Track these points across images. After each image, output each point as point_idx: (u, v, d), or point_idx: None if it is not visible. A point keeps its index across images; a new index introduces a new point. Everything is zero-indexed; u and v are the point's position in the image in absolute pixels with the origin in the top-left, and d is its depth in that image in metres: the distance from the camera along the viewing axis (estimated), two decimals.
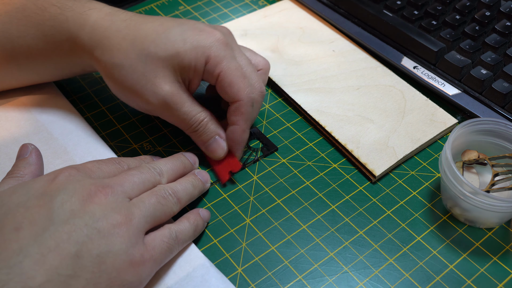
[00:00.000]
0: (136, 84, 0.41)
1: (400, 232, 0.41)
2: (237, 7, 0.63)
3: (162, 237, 0.35)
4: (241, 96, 0.41)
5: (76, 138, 0.46)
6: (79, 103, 0.51)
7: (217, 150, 0.44)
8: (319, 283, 0.38)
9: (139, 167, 0.38)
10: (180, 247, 0.37)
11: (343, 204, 0.43)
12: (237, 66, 0.41)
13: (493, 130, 0.42)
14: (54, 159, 0.44)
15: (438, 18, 0.55)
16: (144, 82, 0.40)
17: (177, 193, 0.38)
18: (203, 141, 0.43)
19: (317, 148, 0.47)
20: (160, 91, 0.40)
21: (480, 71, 0.50)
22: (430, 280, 0.38)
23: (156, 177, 0.38)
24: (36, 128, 0.46)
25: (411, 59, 0.54)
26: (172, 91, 0.41)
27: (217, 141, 0.43)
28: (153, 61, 0.40)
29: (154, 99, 0.41)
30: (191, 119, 0.42)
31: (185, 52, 0.40)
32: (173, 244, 0.36)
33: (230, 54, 0.41)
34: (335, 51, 0.55)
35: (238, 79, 0.41)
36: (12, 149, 0.44)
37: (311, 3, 0.61)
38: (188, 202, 0.39)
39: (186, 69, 0.40)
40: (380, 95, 0.50)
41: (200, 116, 0.42)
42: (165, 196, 0.36)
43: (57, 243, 0.30)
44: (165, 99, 0.41)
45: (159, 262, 0.35)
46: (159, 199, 0.36)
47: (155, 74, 0.40)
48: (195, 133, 0.43)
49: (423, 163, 0.46)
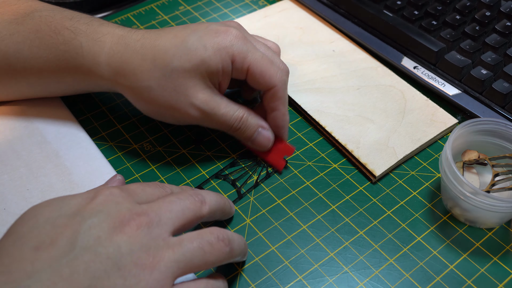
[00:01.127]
0: (169, 100, 0.40)
1: (400, 232, 0.41)
2: (237, 7, 0.63)
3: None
4: (275, 82, 0.42)
5: (69, 142, 0.45)
6: (79, 103, 0.51)
7: (263, 142, 0.44)
8: (319, 283, 0.38)
9: (179, 193, 0.35)
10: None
11: (343, 204, 0.43)
12: (262, 56, 0.42)
13: (493, 130, 0.42)
14: (46, 163, 0.44)
15: (438, 18, 0.55)
16: (176, 97, 0.40)
17: (232, 243, 0.33)
18: (248, 137, 0.43)
19: (317, 148, 0.47)
20: (195, 101, 0.40)
21: (480, 71, 0.50)
22: (430, 280, 0.38)
23: (197, 205, 0.34)
24: (30, 131, 0.46)
25: (411, 59, 0.54)
26: (206, 98, 0.41)
27: (261, 134, 0.44)
28: (180, 75, 0.40)
29: (191, 110, 0.41)
30: (231, 119, 0.42)
31: (210, 57, 0.40)
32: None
33: (251, 46, 0.42)
34: (335, 51, 0.55)
35: (267, 66, 0.41)
36: (4, 152, 0.44)
37: (311, 3, 0.61)
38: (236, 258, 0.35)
39: (214, 73, 0.40)
40: (380, 95, 0.50)
41: (239, 113, 0.42)
42: (213, 242, 0.32)
43: (71, 272, 0.28)
44: (201, 108, 0.41)
45: None
46: (202, 244, 0.31)
47: (186, 86, 0.40)
48: (238, 131, 0.43)
49: (423, 163, 0.46)
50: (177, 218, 0.33)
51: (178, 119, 0.42)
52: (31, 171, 0.43)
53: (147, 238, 0.30)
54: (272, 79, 0.42)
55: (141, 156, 0.46)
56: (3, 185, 0.42)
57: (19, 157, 0.44)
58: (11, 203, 0.41)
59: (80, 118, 0.49)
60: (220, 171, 0.44)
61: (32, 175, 0.43)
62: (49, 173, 0.43)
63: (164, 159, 0.46)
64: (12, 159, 0.44)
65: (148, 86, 0.40)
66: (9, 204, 0.41)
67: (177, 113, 0.41)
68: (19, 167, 0.43)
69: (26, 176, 0.43)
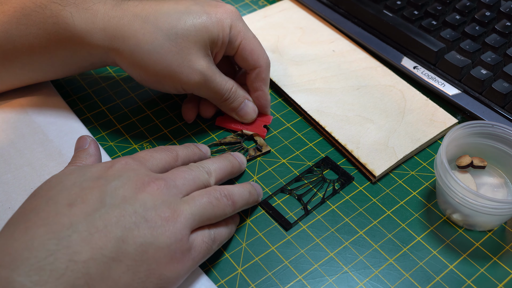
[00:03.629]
0: (171, 64, 0.41)
1: (400, 232, 0.41)
2: (237, 7, 0.63)
3: (203, 237, 0.35)
4: (261, 63, 0.44)
5: (71, 140, 0.45)
6: (79, 103, 0.51)
7: (249, 113, 0.46)
8: (319, 283, 0.38)
9: (188, 166, 0.38)
10: (216, 248, 0.37)
11: (343, 204, 0.43)
12: (254, 35, 0.44)
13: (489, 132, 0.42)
14: (49, 161, 0.44)
15: (438, 18, 0.55)
16: (180, 60, 0.41)
17: (233, 196, 0.37)
18: (234, 107, 0.45)
19: (317, 148, 0.47)
20: (198, 66, 0.41)
21: (480, 71, 0.50)
22: (430, 280, 0.38)
23: (205, 176, 0.38)
24: (32, 129, 0.46)
25: (411, 59, 0.54)
26: (206, 65, 0.42)
27: (247, 105, 0.46)
28: (185, 38, 0.41)
29: (193, 75, 0.42)
30: (223, 89, 0.44)
31: (213, 25, 0.41)
32: (211, 245, 0.36)
33: (245, 24, 0.44)
34: (335, 51, 0.55)
35: (258, 47, 0.44)
36: (7, 151, 0.44)
37: (311, 3, 0.61)
38: (242, 208, 0.39)
39: (215, 41, 0.42)
40: (380, 95, 0.50)
41: (229, 84, 0.44)
42: (218, 197, 0.36)
43: (105, 224, 0.31)
44: (203, 74, 0.42)
45: (197, 261, 0.35)
46: (211, 199, 0.36)
47: (189, 51, 0.41)
48: (227, 101, 0.44)
49: (423, 163, 0.46)
50: (189, 185, 0.36)
51: (177, 86, 0.43)
52: (35, 169, 0.43)
53: (167, 195, 0.34)
54: (259, 59, 0.44)
55: None
56: (7, 184, 0.42)
57: (22, 155, 0.44)
58: (15, 201, 0.41)
59: (81, 118, 0.49)
60: (284, 186, 0.43)
61: (35, 173, 0.43)
62: (52, 171, 0.43)
63: None
64: (15, 158, 0.44)
65: (151, 49, 0.41)
66: (14, 202, 0.41)
67: (177, 78, 0.42)
68: (23, 165, 0.43)
69: (29, 175, 0.43)
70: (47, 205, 0.32)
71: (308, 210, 0.42)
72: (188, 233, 0.34)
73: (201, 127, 0.49)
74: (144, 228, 0.32)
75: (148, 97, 0.51)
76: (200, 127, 0.49)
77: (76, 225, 0.31)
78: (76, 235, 0.30)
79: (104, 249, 0.30)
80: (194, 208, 0.35)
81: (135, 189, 0.33)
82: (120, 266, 0.31)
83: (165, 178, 0.35)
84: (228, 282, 0.37)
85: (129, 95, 0.52)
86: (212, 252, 0.36)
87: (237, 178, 0.44)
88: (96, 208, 0.32)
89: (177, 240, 0.33)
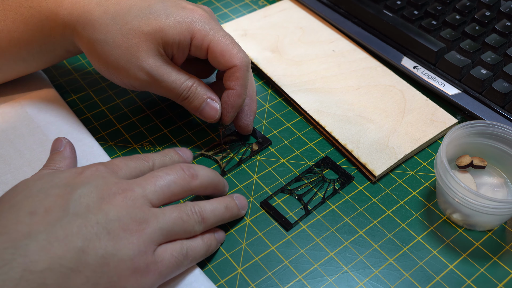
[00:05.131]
0: (120, 59, 0.41)
1: (400, 232, 0.41)
2: (237, 7, 0.63)
3: (173, 251, 0.34)
4: (235, 61, 0.42)
5: (71, 140, 0.45)
6: (79, 103, 0.51)
7: (210, 113, 0.43)
8: (319, 283, 0.38)
9: (168, 168, 0.37)
10: (189, 264, 0.36)
11: (343, 204, 0.43)
12: (224, 35, 0.42)
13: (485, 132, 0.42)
14: None
15: (438, 18, 0.55)
16: (128, 57, 0.40)
17: (203, 213, 0.36)
18: (195, 107, 0.43)
19: (317, 148, 0.47)
20: (145, 65, 0.41)
21: (480, 71, 0.50)
22: (430, 280, 0.38)
23: (186, 179, 0.37)
24: (32, 129, 0.46)
25: (411, 59, 0.54)
26: (156, 64, 0.41)
27: (209, 104, 0.43)
28: (136, 36, 0.40)
29: (140, 73, 0.41)
30: (180, 87, 0.42)
31: (169, 27, 0.40)
32: (182, 260, 0.35)
33: (215, 25, 0.42)
34: (335, 51, 0.55)
35: (229, 45, 0.42)
36: (7, 151, 0.44)
37: (311, 3, 0.61)
38: (215, 224, 0.38)
39: (169, 44, 0.41)
40: (380, 95, 0.50)
41: (188, 83, 0.42)
42: (189, 213, 0.35)
43: (66, 234, 0.31)
44: (151, 73, 0.41)
45: (164, 275, 0.34)
46: (181, 214, 0.35)
47: (138, 48, 0.40)
48: (186, 100, 0.43)
49: (423, 163, 0.46)
50: (162, 193, 0.35)
51: (125, 82, 0.42)
52: (34, 170, 0.43)
53: (133, 207, 0.33)
54: (232, 59, 0.42)
55: None
56: (6, 184, 0.42)
57: (21, 156, 0.44)
58: None
59: (80, 118, 0.49)
60: (284, 186, 0.43)
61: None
62: None
63: None
64: (15, 158, 0.44)
65: (102, 40, 0.41)
66: None
67: (125, 74, 0.41)
68: (22, 166, 0.43)
69: (29, 175, 0.42)
70: (9, 212, 0.31)
71: (309, 210, 0.42)
72: (154, 247, 0.33)
73: (201, 127, 0.49)
74: (106, 240, 0.31)
75: (148, 97, 0.51)
76: (200, 127, 0.49)
77: (35, 234, 0.30)
78: (34, 244, 0.30)
79: (63, 259, 0.30)
80: (163, 223, 0.34)
81: (101, 199, 0.33)
82: (79, 277, 0.30)
83: (133, 188, 0.34)
84: (228, 282, 0.37)
85: (129, 95, 0.52)
86: (184, 268, 0.36)
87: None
88: (58, 217, 0.31)
89: (140, 252, 0.32)
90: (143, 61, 0.41)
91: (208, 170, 0.39)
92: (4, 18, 0.43)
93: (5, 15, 0.43)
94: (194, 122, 0.49)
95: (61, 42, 0.44)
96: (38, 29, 0.43)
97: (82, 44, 0.42)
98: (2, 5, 0.43)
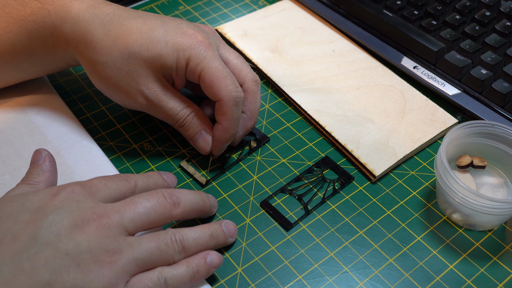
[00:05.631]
0: (120, 82, 0.41)
1: (400, 232, 0.41)
2: (237, 7, 0.63)
3: (148, 281, 0.32)
4: (221, 96, 0.41)
5: (70, 141, 0.45)
6: (79, 103, 0.51)
7: (203, 145, 0.44)
8: (319, 283, 0.38)
9: (149, 194, 0.35)
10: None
11: (343, 204, 0.43)
12: (217, 66, 0.41)
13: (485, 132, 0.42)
14: None
15: (438, 18, 0.55)
16: (128, 80, 0.41)
17: (185, 242, 0.35)
18: (190, 135, 0.44)
19: (317, 148, 0.47)
20: (145, 90, 0.41)
21: (480, 71, 0.50)
22: (430, 280, 0.38)
23: (167, 207, 0.35)
24: (31, 130, 0.46)
25: (411, 59, 0.54)
26: (156, 90, 0.41)
27: (202, 136, 0.44)
28: (136, 61, 0.40)
29: (139, 97, 0.41)
30: (177, 115, 0.42)
31: (167, 54, 0.40)
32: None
33: (212, 54, 0.41)
34: (335, 51, 0.55)
35: (218, 78, 0.40)
36: (5, 151, 0.44)
37: (311, 3, 0.61)
38: (197, 253, 0.36)
39: (168, 70, 0.41)
40: (380, 95, 0.50)
41: (186, 112, 0.43)
42: (168, 242, 0.34)
43: (32, 266, 0.29)
44: (150, 98, 0.41)
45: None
46: (159, 244, 0.33)
47: (139, 74, 0.41)
48: (182, 128, 0.43)
49: (423, 163, 0.46)
50: (141, 220, 0.34)
51: (125, 103, 0.43)
52: None
53: (107, 237, 0.32)
54: (219, 92, 0.40)
55: (141, 156, 0.46)
56: (5, 185, 0.42)
57: (20, 156, 0.44)
58: None
59: (80, 118, 0.49)
60: (284, 186, 0.43)
61: None
62: None
63: (164, 159, 0.46)
64: (13, 158, 0.44)
65: (104, 62, 0.41)
66: None
67: (125, 96, 0.42)
68: (21, 167, 0.43)
69: None
70: None
71: (309, 210, 0.42)
72: (127, 278, 0.32)
73: None
74: (75, 272, 0.30)
75: None
76: None
77: (0, 266, 0.29)
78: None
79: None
80: (138, 253, 0.32)
81: (73, 226, 0.31)
82: None
83: (109, 215, 0.32)
84: (228, 282, 0.37)
85: None
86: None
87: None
88: (25, 247, 0.30)
89: (111, 285, 0.31)
90: (142, 86, 0.41)
91: (191, 195, 0.38)
92: (8, 30, 0.43)
93: (8, 27, 0.43)
94: None
95: (63, 56, 0.44)
96: (42, 43, 0.43)
97: (84, 63, 0.43)
98: (6, 18, 0.43)
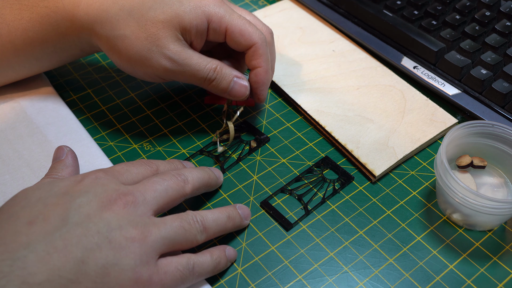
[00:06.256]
0: (141, 50, 0.41)
1: (400, 232, 0.41)
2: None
3: (178, 264, 0.34)
4: (255, 39, 0.42)
5: (71, 141, 0.45)
6: (79, 103, 0.51)
7: (241, 90, 0.44)
8: (319, 283, 0.38)
9: (163, 174, 0.37)
10: (195, 280, 0.35)
11: (343, 204, 0.43)
12: (239, 16, 0.43)
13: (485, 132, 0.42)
14: (47, 162, 0.43)
15: (438, 18, 0.55)
16: (149, 46, 0.41)
17: (205, 222, 0.36)
18: (224, 88, 0.44)
19: (317, 148, 0.47)
20: (167, 51, 0.41)
21: (480, 71, 0.50)
22: (430, 280, 0.38)
23: (180, 184, 0.37)
24: (31, 130, 0.46)
25: (411, 59, 0.54)
26: (177, 49, 0.41)
27: (237, 82, 0.44)
28: (154, 25, 0.41)
29: (163, 61, 0.41)
30: (204, 69, 0.42)
31: (184, 12, 0.41)
32: (187, 275, 0.34)
33: (229, 8, 0.43)
34: (335, 51, 0.55)
35: (246, 26, 0.42)
36: (5, 152, 0.44)
37: (311, 3, 0.61)
38: (217, 234, 0.37)
39: (187, 29, 0.41)
40: (380, 95, 0.50)
41: (212, 64, 0.43)
42: (190, 222, 0.35)
43: (65, 244, 0.30)
44: (173, 58, 0.41)
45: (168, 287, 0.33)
46: (183, 223, 0.35)
47: (158, 36, 0.41)
48: (213, 82, 0.43)
49: (423, 163, 0.46)
50: (161, 197, 0.35)
51: (150, 72, 0.43)
52: (33, 170, 0.43)
53: (134, 215, 0.33)
54: (251, 37, 0.42)
55: (141, 156, 0.46)
56: (5, 185, 0.42)
57: (20, 156, 0.44)
58: None
59: (80, 118, 0.49)
60: (284, 186, 0.43)
61: (33, 174, 0.43)
62: None
63: (164, 159, 0.46)
64: (13, 159, 0.44)
65: (122, 35, 0.41)
66: None
67: (148, 64, 0.42)
68: (21, 167, 0.43)
69: (28, 176, 0.43)
70: (7, 222, 0.31)
71: (309, 210, 0.42)
72: (156, 257, 0.33)
73: (201, 126, 0.49)
74: (107, 249, 0.31)
75: (148, 97, 0.51)
76: (200, 127, 0.49)
77: (34, 245, 0.30)
78: (33, 255, 0.29)
79: (62, 270, 0.29)
80: (165, 232, 0.33)
81: (101, 207, 0.32)
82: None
83: (134, 193, 0.34)
84: (228, 282, 0.37)
85: (129, 95, 0.52)
86: (189, 283, 0.35)
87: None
88: (57, 227, 0.31)
89: (142, 262, 0.32)
90: (164, 48, 0.41)
91: (196, 172, 0.39)
92: (20, 17, 0.43)
93: (20, 14, 0.43)
94: (194, 122, 0.49)
95: (76, 42, 0.44)
96: (54, 28, 0.43)
97: (102, 43, 0.43)
98: (17, 4, 0.43)
